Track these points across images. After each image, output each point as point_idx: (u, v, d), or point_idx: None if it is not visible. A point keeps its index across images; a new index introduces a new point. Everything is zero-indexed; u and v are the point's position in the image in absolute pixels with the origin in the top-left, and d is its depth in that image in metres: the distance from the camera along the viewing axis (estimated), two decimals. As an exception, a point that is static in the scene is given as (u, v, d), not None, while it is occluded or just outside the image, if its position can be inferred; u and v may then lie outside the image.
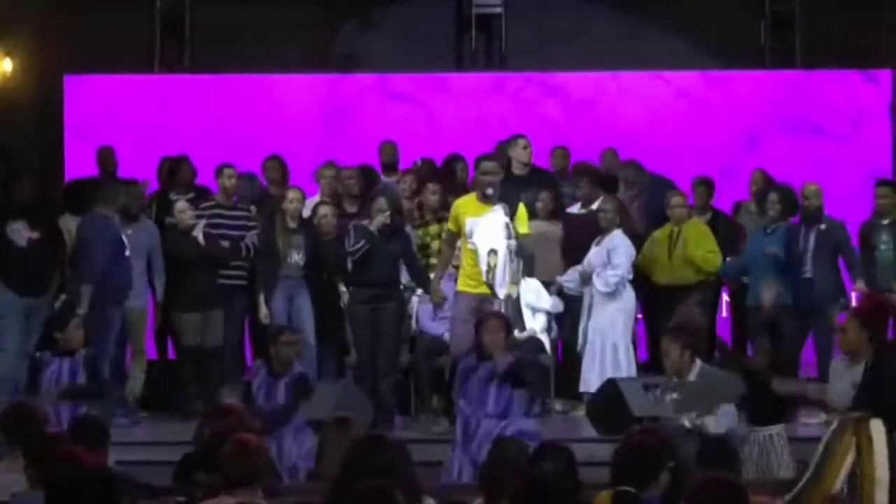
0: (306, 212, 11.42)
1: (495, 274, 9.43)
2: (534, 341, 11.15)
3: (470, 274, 9.63)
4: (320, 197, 11.81)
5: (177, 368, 11.43)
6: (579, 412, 10.71)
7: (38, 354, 9.72)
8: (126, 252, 10.64)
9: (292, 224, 11.12)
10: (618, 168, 12.27)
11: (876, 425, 4.89)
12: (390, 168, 12.37)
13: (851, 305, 10.86)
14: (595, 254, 11.04)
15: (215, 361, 11.13)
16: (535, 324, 11.25)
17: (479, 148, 11.26)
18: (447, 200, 10.95)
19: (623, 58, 13.57)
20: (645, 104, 13.68)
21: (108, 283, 10.45)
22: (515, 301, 10.79)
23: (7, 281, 10.51)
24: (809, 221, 11.02)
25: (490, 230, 9.53)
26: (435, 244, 11.13)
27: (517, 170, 11.86)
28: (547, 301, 11.26)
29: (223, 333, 11.20)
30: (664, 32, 13.75)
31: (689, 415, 8.22)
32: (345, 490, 5.10)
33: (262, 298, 11.02)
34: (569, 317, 11.34)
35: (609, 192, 11.59)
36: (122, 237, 10.69)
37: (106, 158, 12.47)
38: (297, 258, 11.07)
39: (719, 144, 13.55)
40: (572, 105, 13.76)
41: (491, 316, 8.99)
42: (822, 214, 11.08)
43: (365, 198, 11.35)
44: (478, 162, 10.04)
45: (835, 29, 13.49)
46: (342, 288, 11.03)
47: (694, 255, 11.23)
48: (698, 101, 13.76)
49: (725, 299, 12.08)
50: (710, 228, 11.49)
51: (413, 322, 11.22)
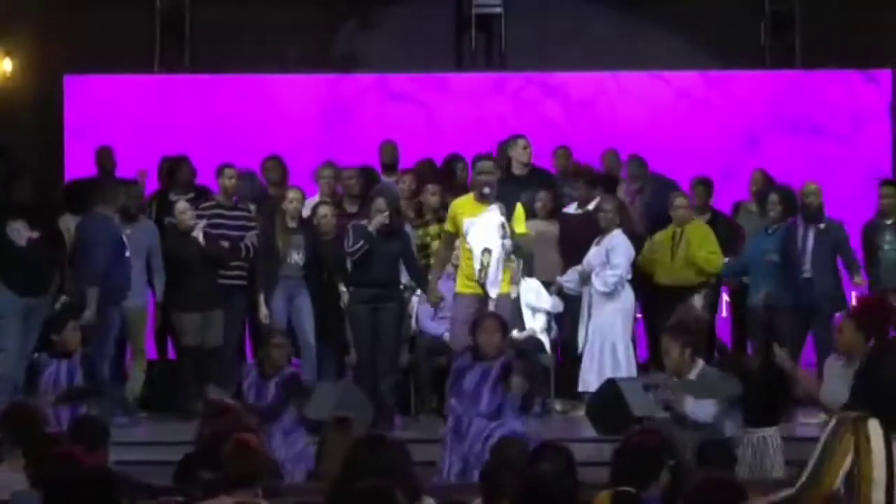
0: (306, 212, 11.42)
1: (487, 273, 9.44)
2: (534, 341, 11.18)
3: (469, 274, 9.63)
4: (320, 197, 11.81)
5: (177, 368, 11.42)
6: (579, 412, 10.70)
7: (37, 356, 9.73)
8: (126, 252, 10.64)
9: (292, 224, 11.13)
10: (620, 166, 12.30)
11: (874, 425, 4.88)
12: (390, 168, 12.38)
13: (851, 306, 10.86)
14: (594, 254, 11.04)
15: (215, 361, 11.11)
16: (535, 324, 11.28)
17: (479, 148, 11.27)
18: (447, 200, 10.95)
19: (623, 58, 13.57)
20: (645, 104, 13.68)
21: (109, 284, 10.44)
22: (515, 301, 10.82)
23: (7, 281, 10.50)
24: (810, 220, 11.01)
25: (485, 229, 9.54)
26: (435, 244, 11.11)
27: (517, 170, 11.87)
28: (547, 301, 11.28)
29: (223, 333, 11.20)
30: (664, 32, 13.75)
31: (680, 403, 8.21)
32: (345, 490, 5.10)
33: (262, 298, 11.03)
34: (568, 317, 11.34)
35: (609, 192, 11.59)
36: (123, 237, 10.70)
37: (104, 158, 12.46)
38: (297, 258, 11.07)
39: (719, 144, 13.55)
40: (572, 105, 13.76)
41: (487, 316, 8.99)
42: (823, 214, 11.08)
43: (365, 198, 11.36)
44: (474, 161, 10.06)
45: (835, 29, 13.49)
46: (342, 288, 11.04)
47: (696, 257, 11.24)
48: (698, 101, 13.76)
49: (725, 299, 12.09)
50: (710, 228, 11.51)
51: (413, 322, 11.24)
